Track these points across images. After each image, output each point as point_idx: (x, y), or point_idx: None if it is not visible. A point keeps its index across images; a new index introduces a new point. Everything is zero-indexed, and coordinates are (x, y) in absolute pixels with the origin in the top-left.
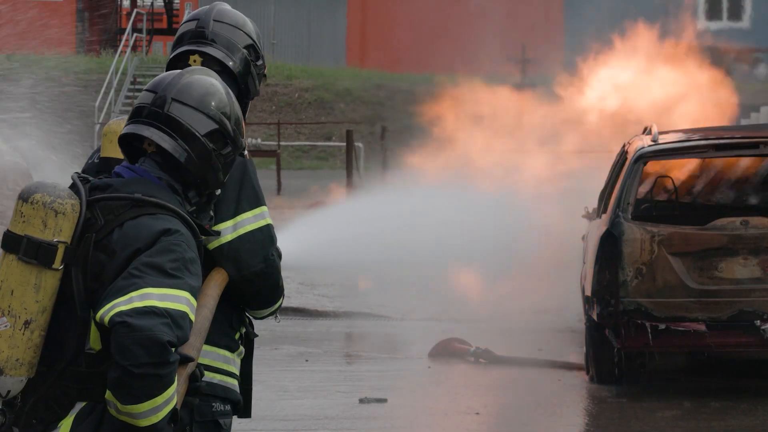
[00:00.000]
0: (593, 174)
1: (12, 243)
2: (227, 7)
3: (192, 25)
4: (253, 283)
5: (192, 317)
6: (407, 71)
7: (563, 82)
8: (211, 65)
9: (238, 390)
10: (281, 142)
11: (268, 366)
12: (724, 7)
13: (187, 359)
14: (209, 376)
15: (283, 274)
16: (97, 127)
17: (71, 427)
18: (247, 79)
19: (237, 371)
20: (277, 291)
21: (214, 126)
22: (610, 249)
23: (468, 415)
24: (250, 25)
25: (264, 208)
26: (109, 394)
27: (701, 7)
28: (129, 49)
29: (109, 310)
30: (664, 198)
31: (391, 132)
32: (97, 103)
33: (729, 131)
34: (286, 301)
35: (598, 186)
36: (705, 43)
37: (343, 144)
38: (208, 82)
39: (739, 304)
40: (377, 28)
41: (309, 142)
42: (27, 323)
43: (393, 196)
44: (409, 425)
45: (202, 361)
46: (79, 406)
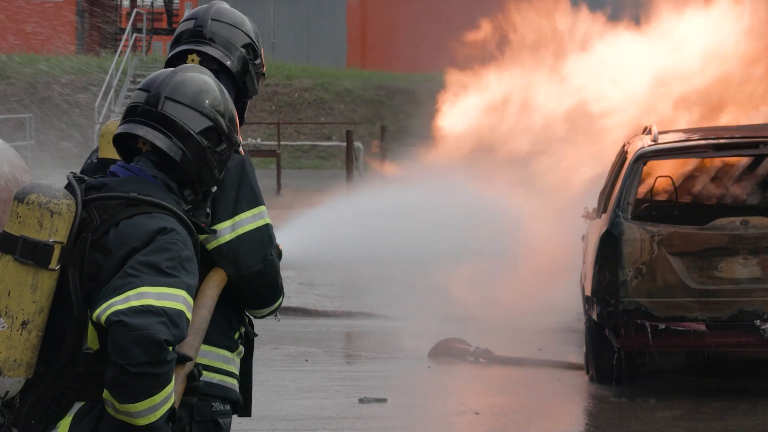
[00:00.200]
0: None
1: (8, 244)
2: (225, 5)
3: (190, 24)
4: (252, 283)
5: (189, 316)
6: (407, 71)
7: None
8: (210, 64)
9: (237, 390)
10: (281, 142)
11: (268, 366)
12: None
13: (185, 359)
14: (209, 376)
15: (284, 274)
16: (97, 127)
17: (70, 427)
18: (245, 78)
19: (237, 371)
20: (277, 291)
21: (209, 123)
22: (610, 249)
23: (468, 415)
24: (248, 23)
25: (262, 208)
26: (106, 394)
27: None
28: (129, 49)
29: (106, 309)
30: (664, 198)
31: (391, 132)
32: (97, 103)
33: (729, 131)
34: (286, 301)
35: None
36: None
37: (343, 144)
38: (201, 80)
39: (739, 304)
40: (377, 28)
41: (309, 142)
42: (24, 324)
43: (392, 193)
44: (409, 425)
45: (202, 361)
46: (78, 405)
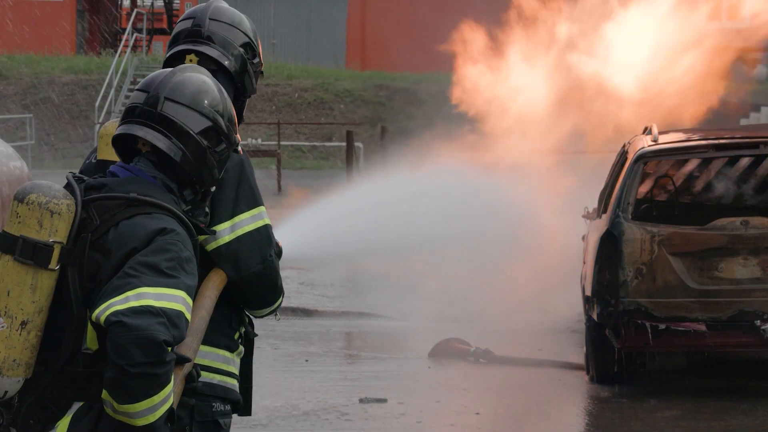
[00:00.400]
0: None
1: (8, 244)
2: (224, 5)
3: (188, 23)
4: (251, 284)
5: (188, 316)
6: (407, 71)
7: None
8: (208, 64)
9: (237, 390)
10: (281, 142)
11: (268, 366)
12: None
13: (184, 360)
14: (209, 377)
15: (284, 274)
16: (97, 127)
17: (68, 427)
18: (243, 77)
19: (237, 371)
20: (276, 291)
21: (208, 123)
22: (610, 249)
23: (468, 415)
24: (246, 22)
25: (262, 209)
26: (105, 394)
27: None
28: (129, 49)
29: (105, 309)
30: (664, 198)
31: (391, 132)
32: (97, 103)
33: (729, 131)
34: (286, 301)
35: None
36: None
37: (343, 144)
38: (200, 80)
39: (739, 304)
40: (377, 29)
41: (309, 142)
42: (24, 324)
43: (390, 191)
44: (408, 425)
45: (202, 362)
46: (77, 406)
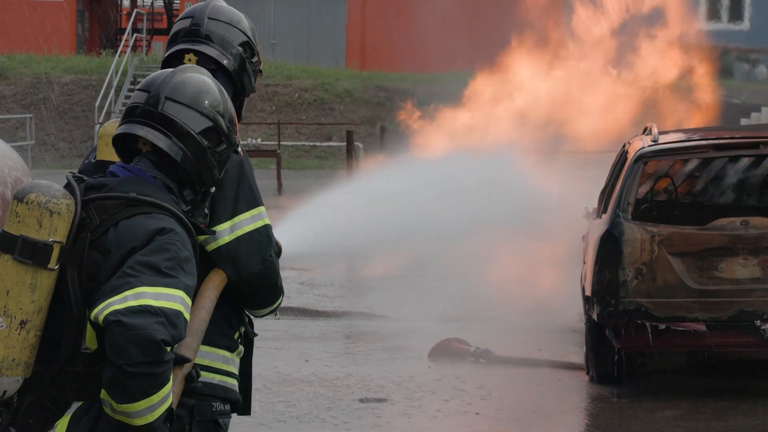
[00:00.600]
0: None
1: (7, 243)
2: (222, 4)
3: (186, 22)
4: (251, 284)
5: (187, 316)
6: (407, 72)
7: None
8: (206, 64)
9: (237, 390)
10: (281, 142)
11: (269, 366)
12: (724, 8)
13: (184, 360)
14: (209, 377)
15: (284, 274)
16: (97, 127)
17: (67, 427)
18: (242, 76)
19: (236, 371)
20: (276, 291)
21: (209, 123)
22: (610, 249)
23: (468, 415)
24: (245, 21)
25: (261, 209)
26: (104, 393)
27: (702, 8)
28: (129, 49)
29: (104, 309)
30: (664, 198)
31: (391, 132)
32: (97, 103)
33: (729, 131)
34: (286, 301)
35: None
36: (705, 43)
37: (343, 144)
38: (200, 80)
39: (739, 304)
40: (377, 29)
41: (309, 142)
42: (23, 323)
43: (388, 189)
44: (409, 425)
45: (202, 361)
46: (76, 405)
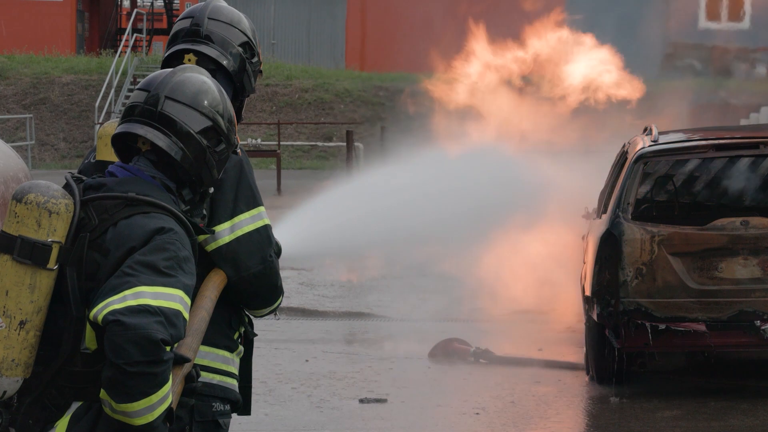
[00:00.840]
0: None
1: (6, 243)
2: (222, 4)
3: (187, 23)
4: (251, 284)
5: (186, 315)
6: (407, 72)
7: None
8: (206, 64)
9: (237, 390)
10: (281, 142)
11: (269, 366)
12: (724, 8)
13: (184, 360)
14: (209, 377)
15: (283, 274)
16: (97, 127)
17: (67, 427)
18: (242, 76)
19: (236, 371)
20: (276, 291)
21: (208, 123)
22: (610, 249)
23: (468, 415)
24: (245, 22)
25: (261, 209)
26: (103, 393)
27: (702, 8)
28: (129, 49)
29: (103, 308)
30: (664, 198)
31: (391, 132)
32: (97, 103)
33: (729, 131)
34: (286, 301)
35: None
36: (707, 43)
37: (343, 144)
38: (200, 80)
39: (739, 304)
40: (377, 29)
41: (309, 142)
42: (22, 324)
43: (388, 189)
44: (409, 425)
45: (202, 362)
46: (75, 405)
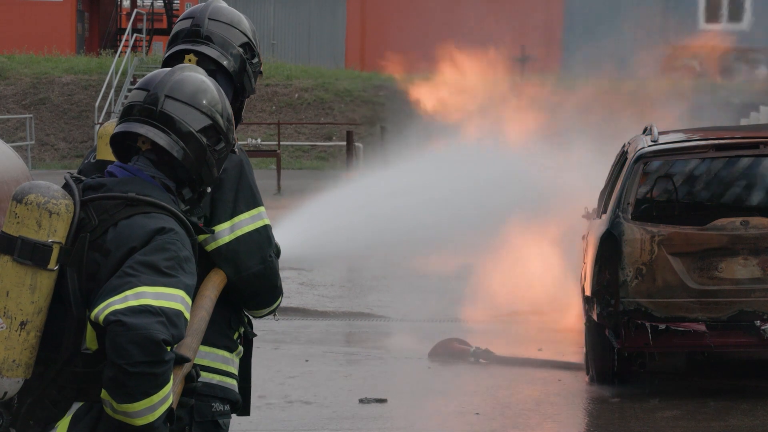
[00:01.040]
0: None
1: (6, 244)
2: (223, 4)
3: (187, 23)
4: (251, 285)
5: (187, 316)
6: (407, 72)
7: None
8: (207, 64)
9: (237, 390)
10: (281, 142)
11: (268, 366)
12: (724, 8)
13: (184, 360)
14: (208, 377)
15: (283, 275)
16: (97, 127)
17: (68, 427)
18: (242, 77)
19: (236, 371)
20: (276, 292)
21: (208, 122)
22: (610, 249)
23: (468, 415)
24: (245, 22)
25: (261, 209)
26: (104, 393)
27: (701, 9)
28: (129, 49)
29: (104, 308)
30: (664, 198)
31: (391, 132)
32: (97, 103)
33: (729, 131)
34: (286, 301)
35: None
36: (707, 43)
37: (343, 144)
38: (199, 79)
39: (739, 304)
40: (377, 29)
41: (309, 142)
42: (23, 324)
43: (388, 189)
44: (409, 425)
45: (201, 362)
46: (76, 406)
